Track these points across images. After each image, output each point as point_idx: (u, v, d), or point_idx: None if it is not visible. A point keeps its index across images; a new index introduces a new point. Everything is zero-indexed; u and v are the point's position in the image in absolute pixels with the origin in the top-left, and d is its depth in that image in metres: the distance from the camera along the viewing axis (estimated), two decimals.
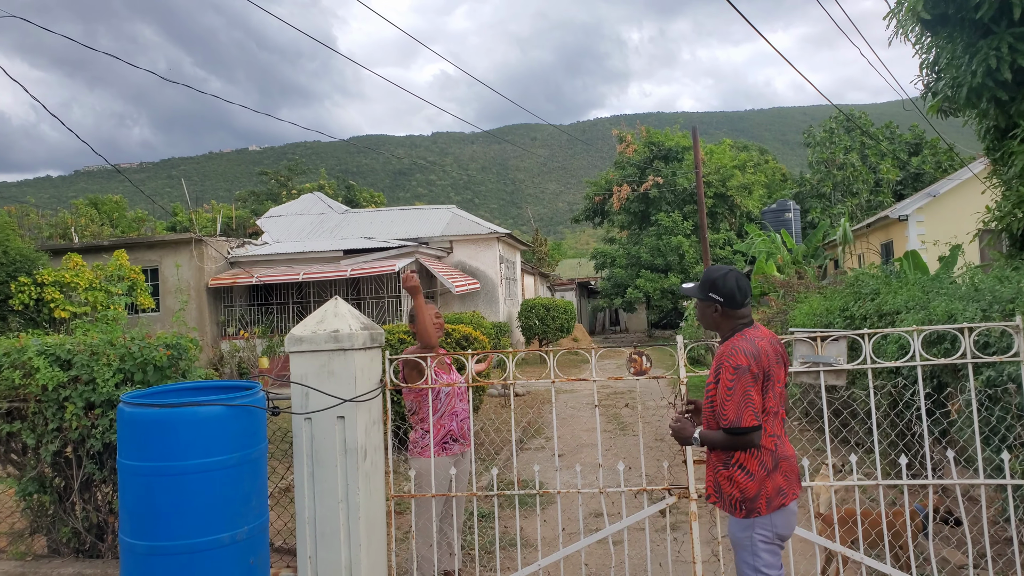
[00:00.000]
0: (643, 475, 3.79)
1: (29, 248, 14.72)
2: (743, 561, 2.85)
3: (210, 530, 3.10)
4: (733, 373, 2.72)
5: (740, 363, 2.73)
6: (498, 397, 11.91)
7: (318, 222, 24.22)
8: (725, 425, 2.74)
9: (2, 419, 4.17)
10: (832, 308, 7.36)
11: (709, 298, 2.89)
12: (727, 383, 2.73)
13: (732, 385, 2.72)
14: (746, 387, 2.71)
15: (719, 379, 2.78)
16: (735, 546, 2.90)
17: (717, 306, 2.88)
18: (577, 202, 51.79)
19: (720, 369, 2.77)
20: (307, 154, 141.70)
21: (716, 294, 2.87)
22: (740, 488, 2.79)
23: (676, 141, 33.27)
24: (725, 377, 2.74)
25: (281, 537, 4.51)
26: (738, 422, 2.70)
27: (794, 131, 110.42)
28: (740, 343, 2.81)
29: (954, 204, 18.74)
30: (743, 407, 2.70)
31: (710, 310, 2.92)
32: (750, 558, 2.81)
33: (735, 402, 2.71)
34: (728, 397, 2.72)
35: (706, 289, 2.89)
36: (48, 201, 77.16)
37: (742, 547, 2.85)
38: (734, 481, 2.81)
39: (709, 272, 2.96)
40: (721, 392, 2.75)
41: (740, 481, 2.79)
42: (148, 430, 3.13)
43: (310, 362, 3.65)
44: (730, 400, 2.72)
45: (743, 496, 2.78)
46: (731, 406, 2.72)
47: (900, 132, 31.88)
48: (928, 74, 8.50)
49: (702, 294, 2.90)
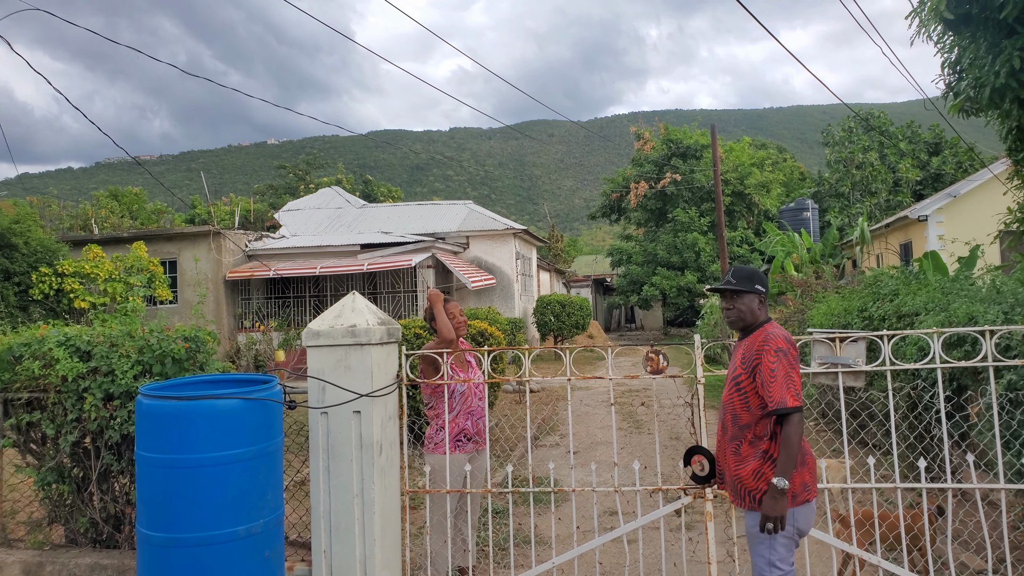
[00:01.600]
0: (658, 474, 3.77)
1: (50, 239, 14.95)
2: (759, 555, 2.85)
3: (226, 523, 3.13)
4: (775, 356, 2.79)
5: (781, 346, 2.81)
6: (513, 393, 11.92)
7: (335, 216, 24.34)
8: (773, 407, 2.76)
9: (22, 409, 4.22)
10: (850, 308, 7.28)
11: (756, 290, 2.98)
12: (770, 366, 2.79)
13: (775, 367, 2.77)
14: (788, 368, 2.79)
15: (759, 365, 2.82)
16: (752, 540, 2.89)
17: (762, 297, 3.00)
18: (594, 199, 51.65)
19: (760, 355, 2.82)
20: (325, 148, 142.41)
21: (761, 286, 2.99)
22: (768, 481, 2.79)
23: (694, 139, 33.01)
24: (767, 361, 2.79)
25: (296, 531, 4.54)
26: (783, 403, 2.74)
27: (813, 130, 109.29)
28: (775, 330, 2.91)
29: (975, 205, 18.45)
30: (787, 388, 2.76)
31: (755, 302, 3.00)
32: (767, 551, 2.82)
33: (779, 384, 2.76)
34: (771, 379, 2.77)
35: (753, 281, 2.99)
36: (69, 192, 78.23)
37: (759, 541, 2.84)
38: (762, 475, 2.81)
39: (744, 269, 3.05)
40: (764, 377, 2.79)
41: (768, 474, 2.80)
42: (165, 422, 3.16)
43: (327, 356, 3.67)
44: (774, 382, 2.76)
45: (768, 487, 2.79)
46: (776, 388, 2.76)
47: (920, 132, 31.41)
48: (950, 74, 8.37)
49: (749, 286, 2.97)
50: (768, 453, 2.82)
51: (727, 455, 2.96)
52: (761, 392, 2.81)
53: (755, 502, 2.83)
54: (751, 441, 2.88)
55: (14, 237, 13.67)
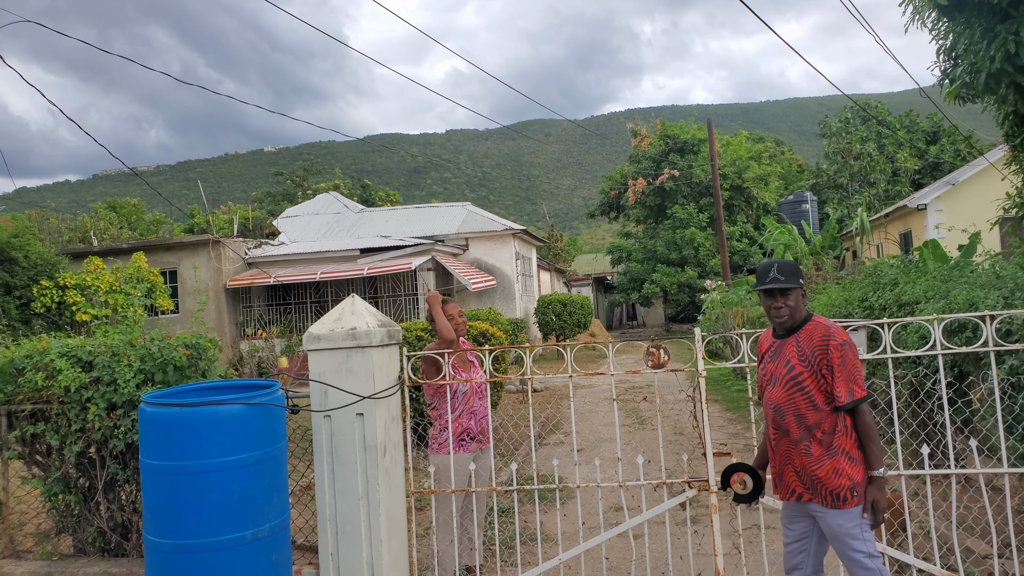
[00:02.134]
0: (662, 468, 3.78)
1: (50, 252, 14.98)
2: (856, 551, 2.76)
3: (232, 528, 3.14)
4: (843, 349, 2.76)
5: (845, 338, 2.79)
6: (516, 393, 11.92)
7: (334, 221, 24.36)
8: (848, 401, 2.73)
9: (27, 420, 4.24)
10: (851, 299, 7.28)
11: (800, 284, 2.95)
12: (837, 360, 2.75)
13: (842, 360, 2.75)
14: (854, 359, 2.77)
15: (826, 361, 2.76)
16: (844, 538, 2.77)
17: (803, 291, 2.97)
18: (592, 197, 51.62)
19: (825, 350, 2.77)
20: (322, 154, 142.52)
21: (801, 279, 2.96)
22: (848, 476, 2.75)
23: (691, 133, 33.01)
24: (835, 356, 2.75)
25: (303, 534, 4.55)
26: (852, 396, 2.72)
27: (810, 122, 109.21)
28: (828, 322, 2.88)
29: (974, 192, 18.45)
30: (856, 379, 2.74)
31: (801, 297, 2.96)
32: (863, 545, 2.75)
33: (851, 376, 2.74)
34: (840, 373, 2.74)
35: (798, 276, 2.95)
36: (68, 205, 78.29)
37: (852, 537, 2.76)
38: (841, 471, 2.75)
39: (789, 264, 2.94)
40: (836, 372, 2.74)
41: (847, 469, 2.76)
42: (169, 430, 3.17)
43: (328, 360, 3.68)
44: (842, 375, 2.74)
45: (852, 483, 2.75)
46: (849, 382, 2.73)
47: (919, 121, 31.38)
48: (945, 60, 8.36)
49: (796, 282, 2.92)
50: (842, 448, 2.76)
51: (793, 457, 2.86)
52: (831, 388, 2.75)
53: (838, 500, 2.75)
54: (820, 439, 2.79)
55: (14, 251, 13.70)
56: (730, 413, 9.82)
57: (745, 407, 9.60)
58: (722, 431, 8.52)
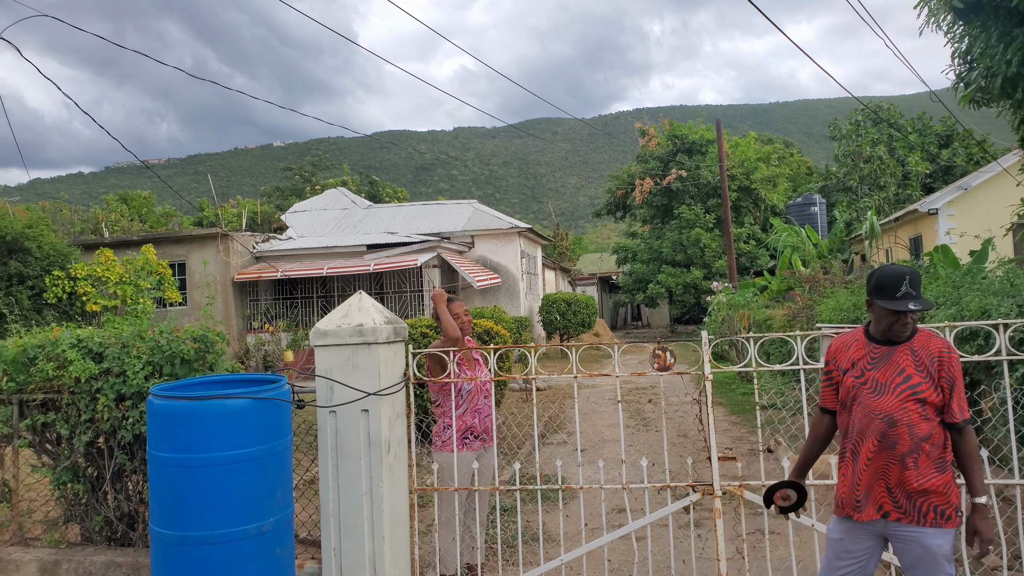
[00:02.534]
0: (666, 471, 3.77)
1: (62, 243, 15.09)
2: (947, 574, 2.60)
3: (236, 521, 3.15)
4: (958, 363, 2.65)
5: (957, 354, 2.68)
6: (520, 392, 11.93)
7: (342, 217, 24.42)
8: (959, 419, 2.61)
9: (37, 410, 4.27)
10: (860, 303, 7.26)
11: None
12: (957, 374, 2.63)
13: (959, 375, 2.63)
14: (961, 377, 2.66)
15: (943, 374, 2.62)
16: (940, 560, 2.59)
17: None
18: (599, 196, 51.56)
19: (943, 363, 2.62)
20: (330, 150, 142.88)
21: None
22: (956, 494, 2.64)
23: (699, 134, 32.89)
24: (956, 370, 2.62)
25: (306, 529, 4.56)
26: (963, 414, 2.62)
27: (819, 124, 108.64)
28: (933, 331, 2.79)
29: (986, 197, 18.30)
30: (963, 397, 2.64)
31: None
32: (950, 567, 2.61)
33: (960, 392, 2.63)
34: (957, 388, 2.61)
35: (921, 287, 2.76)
36: (80, 197, 78.78)
37: (948, 559, 2.59)
38: (950, 488, 2.62)
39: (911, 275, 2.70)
40: (955, 387, 2.61)
41: (954, 487, 2.64)
42: (176, 422, 3.19)
43: (335, 356, 3.69)
44: (958, 391, 2.62)
45: (957, 502, 2.63)
46: (958, 398, 2.62)
47: (932, 124, 31.17)
48: (960, 64, 8.31)
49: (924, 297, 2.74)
50: (951, 465, 2.65)
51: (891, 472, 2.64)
52: (948, 401, 2.62)
53: (941, 518, 2.58)
54: (929, 452, 2.62)
55: (27, 242, 13.81)
56: (735, 416, 9.79)
57: (750, 411, 9.58)
58: (727, 435, 8.50)
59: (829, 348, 2.91)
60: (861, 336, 2.83)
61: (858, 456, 2.70)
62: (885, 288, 2.65)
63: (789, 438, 6.05)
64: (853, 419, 2.73)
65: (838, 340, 2.91)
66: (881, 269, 2.76)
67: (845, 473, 2.76)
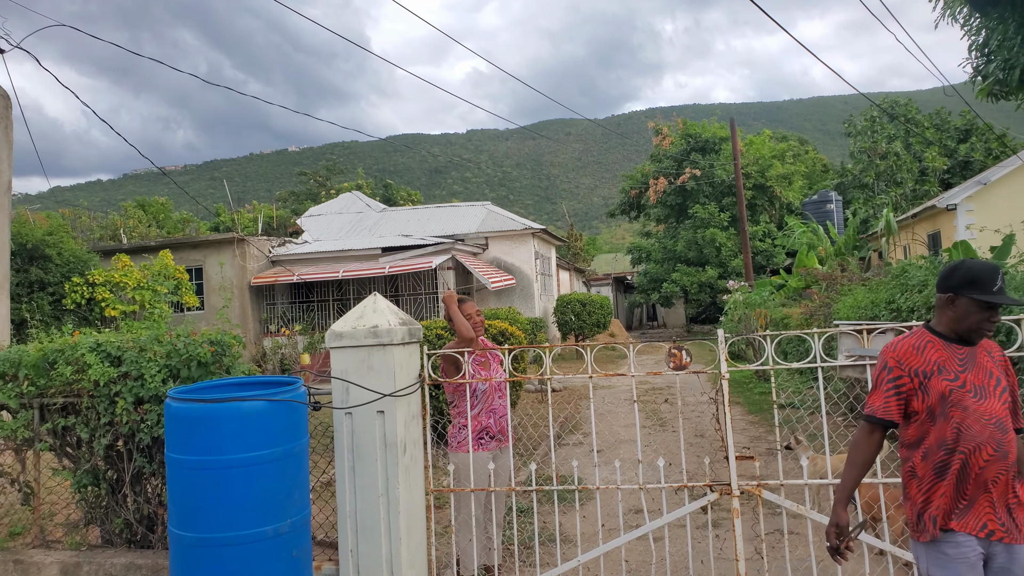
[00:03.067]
0: (683, 471, 3.74)
1: (82, 249, 15.30)
2: None
3: (254, 523, 3.17)
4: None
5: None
6: (535, 392, 11.91)
7: (357, 220, 24.55)
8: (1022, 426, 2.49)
9: (58, 413, 4.33)
10: (878, 300, 7.17)
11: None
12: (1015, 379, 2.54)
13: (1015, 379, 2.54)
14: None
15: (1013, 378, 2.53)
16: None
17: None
18: (612, 196, 51.42)
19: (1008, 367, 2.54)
20: (345, 154, 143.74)
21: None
22: None
23: (713, 131, 32.71)
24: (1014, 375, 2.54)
25: (323, 531, 4.58)
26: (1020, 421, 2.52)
27: (834, 120, 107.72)
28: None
29: (1006, 192, 18.03)
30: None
31: None
32: None
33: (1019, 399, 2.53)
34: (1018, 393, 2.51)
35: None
36: (99, 204, 79.88)
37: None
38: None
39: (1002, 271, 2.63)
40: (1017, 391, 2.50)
41: None
42: (193, 425, 3.21)
43: (350, 357, 3.70)
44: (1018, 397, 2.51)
45: None
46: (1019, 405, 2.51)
47: (950, 119, 30.76)
48: (977, 56, 8.20)
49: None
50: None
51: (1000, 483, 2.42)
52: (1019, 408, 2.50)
53: None
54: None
55: (48, 248, 14.01)
56: (752, 416, 9.71)
57: (768, 410, 9.49)
58: (744, 434, 8.43)
59: (890, 353, 2.56)
60: (932, 337, 2.54)
61: (967, 468, 2.40)
62: (980, 281, 2.42)
63: (808, 437, 5.99)
64: (951, 427, 2.42)
65: (903, 343, 2.56)
66: (966, 262, 2.52)
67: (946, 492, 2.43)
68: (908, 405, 2.50)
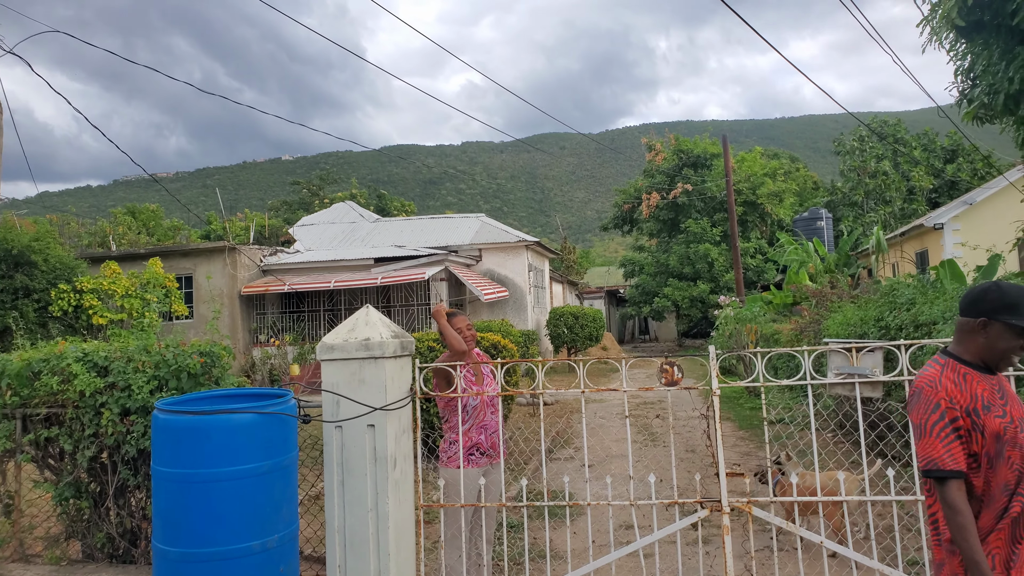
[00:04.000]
0: (674, 487, 3.73)
1: (69, 256, 15.17)
2: None
3: (241, 538, 3.13)
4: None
5: None
6: (527, 406, 11.87)
7: (349, 231, 24.51)
8: None
9: (41, 424, 4.27)
10: (867, 318, 7.21)
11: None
12: None
13: None
14: None
15: None
16: None
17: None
18: (606, 210, 51.60)
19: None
20: (338, 164, 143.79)
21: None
22: None
23: (704, 148, 33.01)
24: None
25: (311, 545, 4.53)
26: None
27: (825, 139, 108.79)
28: None
29: (992, 212, 18.27)
30: None
31: None
32: None
33: None
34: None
35: None
36: (88, 210, 79.44)
37: None
38: None
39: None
40: None
41: None
42: (181, 437, 3.18)
43: (341, 370, 3.68)
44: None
45: None
46: None
47: (937, 139, 31.21)
48: (963, 81, 8.33)
49: None
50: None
51: None
52: None
53: None
54: None
55: (34, 255, 13.88)
56: (743, 432, 9.72)
57: (758, 426, 9.50)
58: (735, 450, 8.43)
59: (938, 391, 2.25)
60: (962, 366, 2.30)
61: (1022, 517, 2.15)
62: (1015, 306, 2.21)
63: (798, 453, 5.99)
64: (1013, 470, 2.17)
65: (944, 377, 2.28)
66: (999, 284, 2.32)
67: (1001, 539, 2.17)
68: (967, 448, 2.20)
